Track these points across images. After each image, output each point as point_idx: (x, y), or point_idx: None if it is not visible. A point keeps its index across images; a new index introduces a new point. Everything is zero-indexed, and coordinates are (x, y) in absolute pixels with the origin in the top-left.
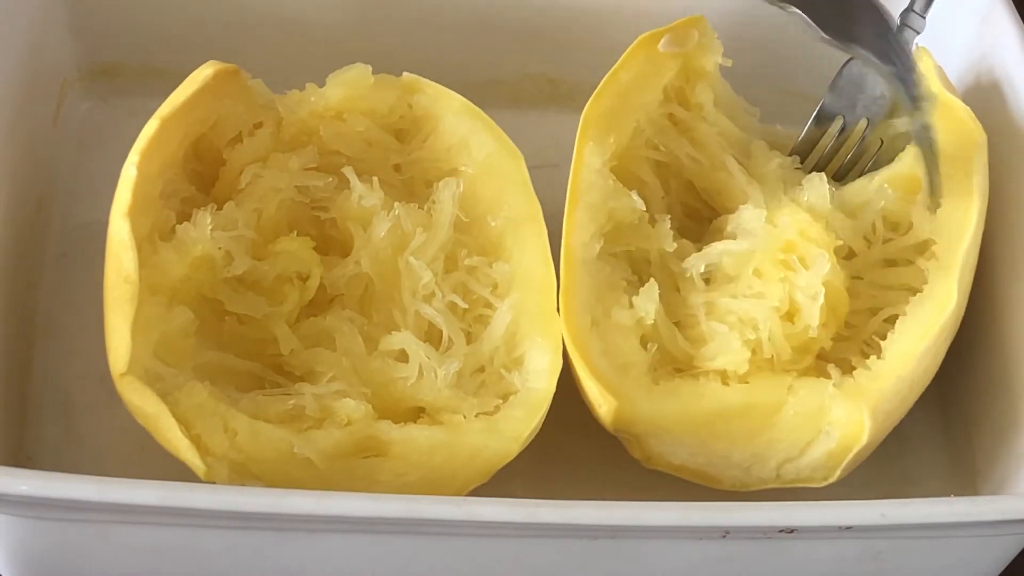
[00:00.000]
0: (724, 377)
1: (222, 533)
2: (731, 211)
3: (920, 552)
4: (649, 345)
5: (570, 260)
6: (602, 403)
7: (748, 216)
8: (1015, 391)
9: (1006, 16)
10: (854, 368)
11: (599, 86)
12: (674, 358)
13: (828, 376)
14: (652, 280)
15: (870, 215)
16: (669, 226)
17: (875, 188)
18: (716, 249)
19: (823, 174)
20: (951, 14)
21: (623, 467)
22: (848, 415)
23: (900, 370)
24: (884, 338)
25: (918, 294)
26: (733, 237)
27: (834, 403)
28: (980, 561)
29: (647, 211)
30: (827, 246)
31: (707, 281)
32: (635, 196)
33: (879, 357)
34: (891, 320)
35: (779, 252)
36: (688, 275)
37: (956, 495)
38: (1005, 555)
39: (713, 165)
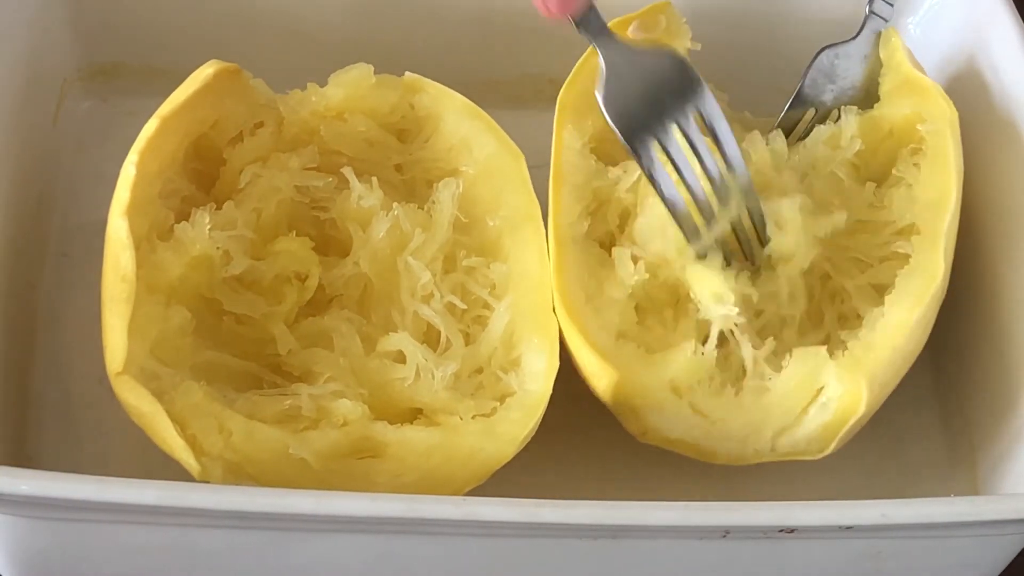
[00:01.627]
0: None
1: (222, 533)
2: None
3: (920, 552)
4: (639, 308)
5: (559, 240)
6: (601, 376)
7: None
8: (1014, 390)
9: (1002, 10)
10: (842, 332)
11: (572, 72)
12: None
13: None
14: (622, 247)
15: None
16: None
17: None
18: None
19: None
20: (948, 7)
21: (620, 465)
22: (845, 386)
23: (895, 341)
24: (861, 304)
25: (905, 267)
26: None
27: (830, 374)
28: (980, 561)
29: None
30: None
31: None
32: (616, 170)
33: (870, 328)
34: (877, 289)
35: None
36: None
37: (956, 495)
38: (1005, 555)
39: None
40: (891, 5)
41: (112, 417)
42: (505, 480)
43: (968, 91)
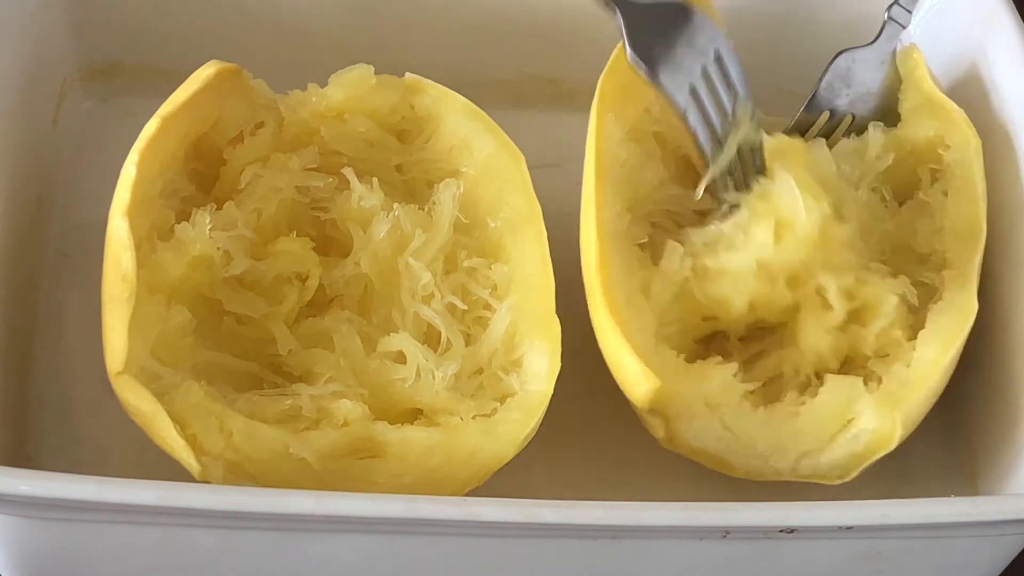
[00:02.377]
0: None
1: (222, 533)
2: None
3: (920, 552)
4: (677, 314)
5: (603, 234)
6: (642, 382)
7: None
8: (1014, 391)
9: (1003, 11)
10: (869, 360)
11: (611, 58)
12: (703, 316)
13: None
14: (673, 242)
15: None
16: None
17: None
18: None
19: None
20: (949, 8)
21: (620, 466)
22: (880, 421)
23: (931, 380)
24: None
25: (939, 302)
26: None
27: (865, 407)
28: (980, 561)
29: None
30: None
31: None
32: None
33: (906, 365)
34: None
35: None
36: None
37: (956, 495)
38: (1005, 555)
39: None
40: (909, 12)
41: (112, 417)
42: (505, 480)
43: (968, 92)
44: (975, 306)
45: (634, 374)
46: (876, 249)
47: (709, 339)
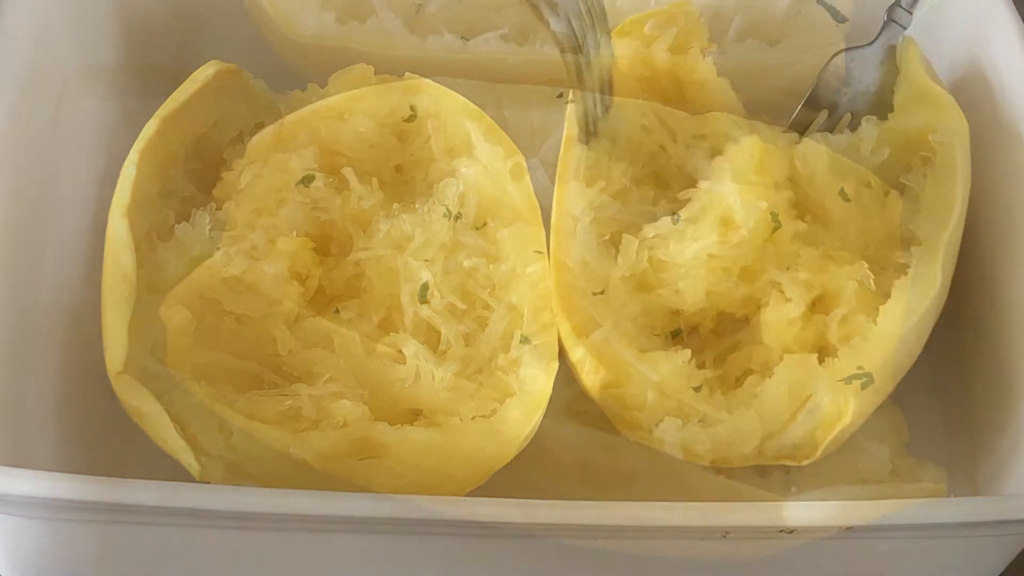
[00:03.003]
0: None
1: (222, 533)
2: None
3: (920, 552)
4: (636, 311)
5: (560, 231)
6: (590, 373)
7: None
8: (1013, 395)
9: (1003, 10)
10: (836, 343)
11: None
12: (667, 308)
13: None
14: (629, 236)
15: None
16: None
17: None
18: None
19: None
20: (949, 8)
21: (620, 467)
22: (834, 393)
23: (885, 351)
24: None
25: (903, 277)
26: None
27: (819, 382)
28: (980, 561)
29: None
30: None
31: None
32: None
33: (863, 338)
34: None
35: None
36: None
37: (956, 495)
38: (1005, 555)
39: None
40: (910, 13)
41: (112, 417)
42: (505, 480)
43: (968, 91)
44: (938, 279)
45: (582, 365)
46: (860, 244)
47: (687, 335)
